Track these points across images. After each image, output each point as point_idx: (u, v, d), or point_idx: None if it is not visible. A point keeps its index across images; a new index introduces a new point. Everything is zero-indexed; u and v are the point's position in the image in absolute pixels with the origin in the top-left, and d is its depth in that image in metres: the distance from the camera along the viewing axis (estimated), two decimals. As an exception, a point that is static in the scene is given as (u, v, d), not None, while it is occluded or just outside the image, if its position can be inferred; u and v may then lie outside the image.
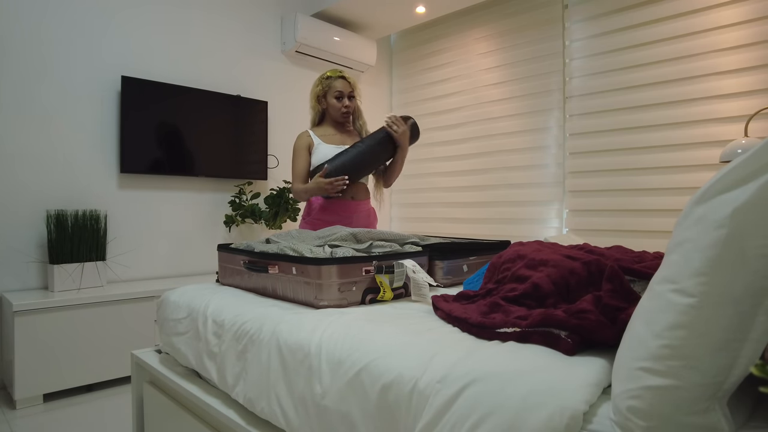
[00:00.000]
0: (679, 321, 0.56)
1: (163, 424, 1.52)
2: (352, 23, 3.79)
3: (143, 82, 2.85)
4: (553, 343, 0.82)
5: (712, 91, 2.57)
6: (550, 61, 3.24)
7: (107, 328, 2.43)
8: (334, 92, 2.08)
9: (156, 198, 3.01)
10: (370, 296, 1.29)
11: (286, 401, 1.01)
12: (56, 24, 2.61)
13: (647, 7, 2.79)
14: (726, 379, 0.55)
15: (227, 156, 3.25)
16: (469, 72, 3.74)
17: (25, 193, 2.52)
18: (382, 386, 0.83)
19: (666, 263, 0.62)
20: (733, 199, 0.55)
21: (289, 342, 1.04)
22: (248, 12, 3.44)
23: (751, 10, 2.44)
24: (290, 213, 3.28)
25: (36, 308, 2.23)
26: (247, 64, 3.41)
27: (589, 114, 3.04)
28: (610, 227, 2.91)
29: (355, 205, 2.13)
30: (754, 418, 0.65)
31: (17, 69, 2.50)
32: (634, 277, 0.98)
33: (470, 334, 0.95)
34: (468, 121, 3.72)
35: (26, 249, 2.53)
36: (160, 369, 1.54)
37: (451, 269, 1.53)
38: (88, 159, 2.73)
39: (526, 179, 3.37)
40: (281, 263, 1.33)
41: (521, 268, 1.10)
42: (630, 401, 0.59)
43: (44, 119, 2.58)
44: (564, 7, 3.18)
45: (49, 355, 2.26)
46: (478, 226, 3.64)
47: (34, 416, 2.14)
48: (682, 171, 2.67)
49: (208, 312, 1.34)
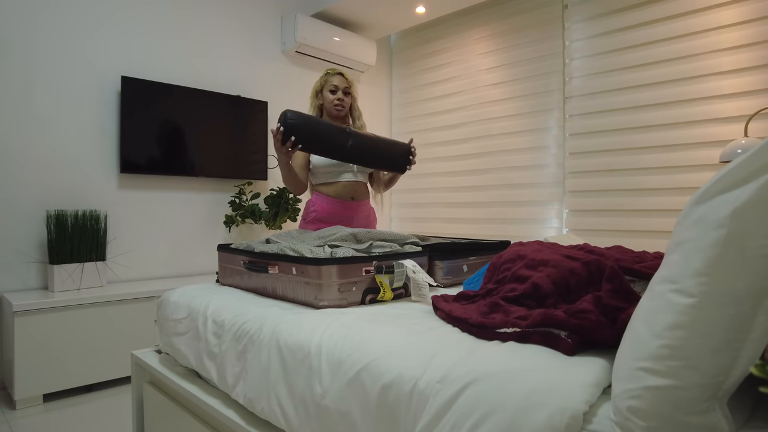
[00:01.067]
0: (679, 321, 0.56)
1: (163, 424, 1.52)
2: (352, 23, 3.79)
3: (143, 82, 2.85)
4: (553, 343, 0.82)
5: (712, 91, 2.57)
6: (550, 61, 3.24)
7: (107, 328, 2.43)
8: (329, 86, 2.10)
9: (156, 198, 3.01)
10: (370, 296, 1.29)
11: (286, 401, 1.01)
12: (56, 24, 2.61)
13: (647, 7, 2.79)
14: (726, 379, 0.55)
15: (227, 156, 3.25)
16: (469, 72, 3.74)
17: (25, 193, 2.52)
18: (382, 386, 0.83)
19: (666, 263, 0.62)
20: (733, 199, 0.55)
21: (289, 342, 1.04)
22: (248, 12, 3.44)
23: (751, 10, 2.44)
24: (290, 213, 3.28)
25: (36, 308, 2.23)
26: (247, 64, 3.41)
27: (589, 114, 3.04)
28: (610, 227, 2.91)
29: (356, 206, 2.13)
30: (754, 418, 0.65)
31: (17, 69, 2.50)
32: (634, 277, 0.98)
33: (470, 334, 0.95)
34: (468, 121, 3.72)
35: (26, 249, 2.52)
36: (160, 369, 1.54)
37: (452, 269, 1.53)
38: (88, 159, 2.73)
39: (526, 179, 3.37)
40: (281, 263, 1.33)
41: (521, 268, 1.09)
42: (630, 401, 0.59)
43: (44, 119, 2.58)
44: (564, 7, 3.18)
45: (49, 355, 2.26)
46: (478, 226, 3.64)
47: (34, 416, 2.14)
48: (682, 171, 2.67)
49: (208, 312, 1.34)
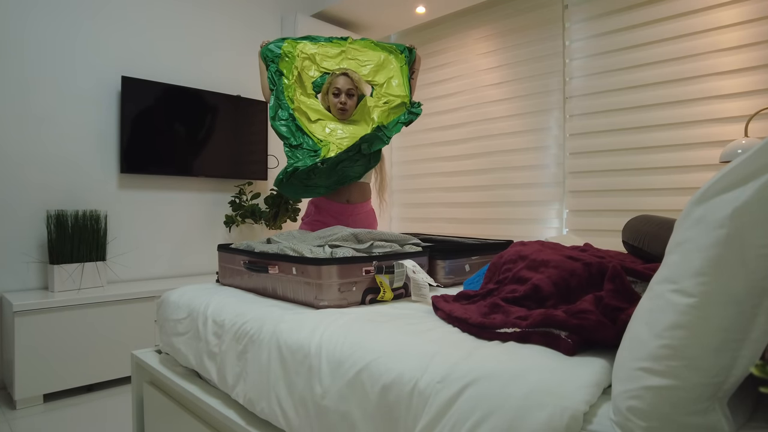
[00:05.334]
0: (679, 321, 0.56)
1: (163, 424, 1.52)
2: (352, 23, 3.79)
3: (143, 82, 2.85)
4: (554, 343, 0.82)
5: (712, 92, 2.56)
6: (550, 62, 3.24)
7: (107, 328, 2.43)
8: (333, 89, 2.10)
9: (156, 198, 3.01)
10: (370, 296, 1.29)
11: (286, 401, 1.01)
12: (56, 24, 2.61)
13: (647, 7, 2.79)
14: (726, 379, 0.55)
15: (227, 156, 3.25)
16: (469, 72, 3.73)
17: (25, 193, 2.52)
18: (382, 386, 0.83)
19: (666, 263, 0.62)
20: (733, 199, 0.55)
21: (289, 342, 1.04)
22: (248, 12, 3.44)
23: (751, 10, 2.44)
24: (290, 213, 3.28)
25: (36, 308, 2.23)
26: (247, 64, 3.41)
27: (589, 114, 3.04)
28: (610, 227, 2.91)
29: (351, 209, 2.10)
30: (754, 418, 0.65)
31: (17, 69, 2.50)
32: (635, 278, 0.98)
33: (470, 334, 0.95)
34: (468, 121, 3.72)
35: (26, 249, 2.53)
36: (160, 369, 1.54)
37: (453, 269, 1.53)
38: (88, 159, 2.73)
39: (527, 179, 3.37)
40: (281, 263, 1.33)
41: (522, 269, 1.09)
42: (630, 401, 0.59)
43: (44, 119, 2.58)
44: (564, 8, 3.17)
45: (49, 355, 2.26)
46: (479, 226, 3.64)
47: (34, 416, 2.14)
48: (682, 171, 2.66)
49: (208, 312, 1.34)
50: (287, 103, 2.04)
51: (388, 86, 2.16)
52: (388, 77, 2.18)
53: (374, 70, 2.20)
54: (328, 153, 1.94)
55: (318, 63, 2.17)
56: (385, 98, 2.14)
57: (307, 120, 2.05)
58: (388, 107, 2.11)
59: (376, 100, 2.14)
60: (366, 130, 2.04)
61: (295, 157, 1.95)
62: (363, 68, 2.19)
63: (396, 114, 2.10)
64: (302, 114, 2.05)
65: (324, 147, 1.96)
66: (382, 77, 2.19)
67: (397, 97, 2.13)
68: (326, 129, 2.04)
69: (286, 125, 2.01)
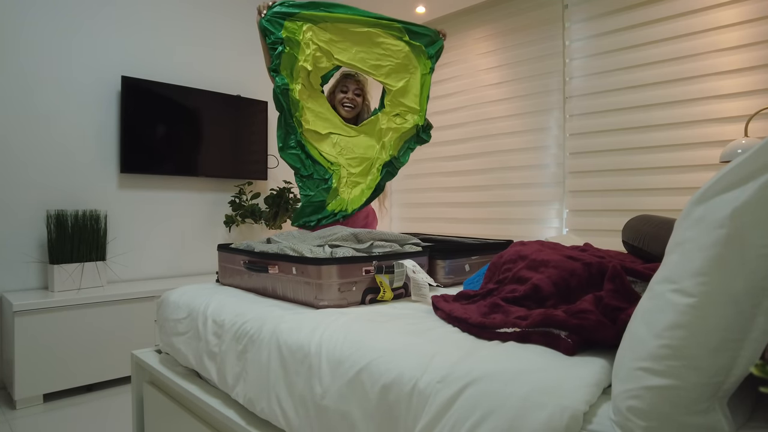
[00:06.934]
0: (679, 321, 0.56)
1: (163, 424, 1.52)
2: (352, 23, 3.79)
3: (143, 82, 2.85)
4: (553, 343, 0.82)
5: (712, 91, 2.56)
6: (550, 61, 3.24)
7: (107, 328, 2.43)
8: (341, 86, 2.14)
9: (156, 198, 3.01)
10: (370, 296, 1.29)
11: (286, 401, 1.01)
12: (56, 24, 2.61)
13: (647, 7, 2.79)
14: (726, 379, 0.55)
15: (227, 156, 3.25)
16: (469, 72, 3.73)
17: (25, 193, 2.52)
18: (382, 386, 0.83)
19: (666, 263, 0.62)
20: (732, 199, 0.55)
21: (289, 342, 1.04)
22: (248, 12, 3.43)
23: (751, 10, 2.44)
24: (290, 213, 3.28)
25: (36, 308, 2.23)
26: (247, 64, 3.41)
27: (589, 114, 3.04)
28: (610, 227, 2.91)
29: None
30: (754, 418, 0.65)
31: (17, 69, 2.50)
32: (635, 278, 0.98)
33: (470, 334, 0.95)
34: (468, 121, 3.72)
35: (26, 249, 2.53)
36: (160, 369, 1.54)
37: (453, 269, 1.53)
38: (88, 159, 2.73)
39: (526, 179, 3.37)
40: (281, 263, 1.33)
41: (522, 269, 1.09)
42: (630, 401, 0.59)
43: (44, 119, 2.58)
44: (564, 7, 3.17)
45: (49, 355, 2.26)
46: (478, 226, 3.64)
47: (34, 416, 2.14)
48: (682, 171, 2.66)
49: (208, 312, 1.34)
50: (295, 126, 1.94)
51: (403, 94, 2.06)
52: (405, 81, 2.07)
53: (391, 69, 2.05)
54: (339, 179, 1.96)
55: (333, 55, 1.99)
56: (396, 109, 2.07)
57: (317, 138, 1.98)
58: (400, 131, 2.06)
59: (389, 110, 2.07)
60: (374, 148, 2.05)
61: (306, 188, 1.96)
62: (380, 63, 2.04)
63: (406, 137, 2.09)
64: (311, 134, 1.98)
65: (335, 173, 1.97)
66: (398, 80, 2.06)
67: (410, 110, 2.06)
68: (335, 146, 2.01)
69: (295, 155, 1.96)
